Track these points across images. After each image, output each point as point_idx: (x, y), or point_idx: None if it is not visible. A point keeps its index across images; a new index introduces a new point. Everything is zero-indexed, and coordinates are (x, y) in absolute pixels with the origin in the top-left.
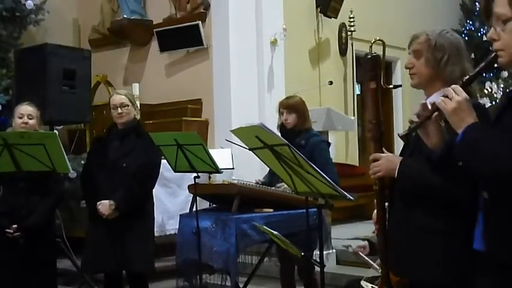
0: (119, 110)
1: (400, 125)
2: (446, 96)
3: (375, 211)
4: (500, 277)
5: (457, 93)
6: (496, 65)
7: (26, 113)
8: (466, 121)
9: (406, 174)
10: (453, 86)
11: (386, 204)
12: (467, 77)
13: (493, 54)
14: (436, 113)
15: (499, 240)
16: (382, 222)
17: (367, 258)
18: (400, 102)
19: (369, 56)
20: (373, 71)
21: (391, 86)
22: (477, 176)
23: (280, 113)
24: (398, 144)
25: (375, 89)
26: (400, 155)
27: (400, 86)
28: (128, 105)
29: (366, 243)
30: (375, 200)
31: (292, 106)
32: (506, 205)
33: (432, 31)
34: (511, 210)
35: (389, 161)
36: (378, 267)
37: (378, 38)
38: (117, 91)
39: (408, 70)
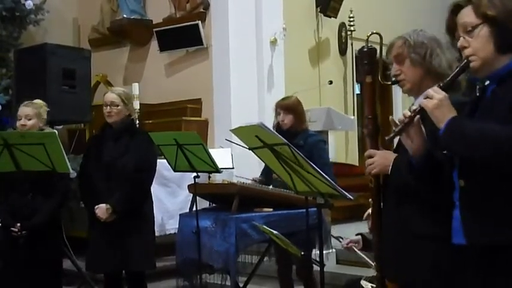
0: (108, 109)
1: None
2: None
3: (369, 210)
4: (486, 265)
5: (437, 93)
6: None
7: (23, 115)
8: (447, 116)
9: (400, 171)
10: (432, 88)
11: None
12: (441, 84)
13: (464, 61)
14: (418, 116)
15: (479, 228)
16: (377, 222)
17: (359, 253)
18: (400, 99)
19: (365, 49)
20: (369, 65)
21: (389, 82)
22: (466, 159)
23: (277, 114)
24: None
25: (372, 83)
26: (395, 152)
27: (399, 82)
28: (118, 106)
29: (359, 237)
30: (370, 199)
31: (290, 107)
32: (482, 190)
33: (406, 33)
34: (488, 195)
35: (383, 157)
36: (371, 262)
37: (374, 31)
38: (112, 89)
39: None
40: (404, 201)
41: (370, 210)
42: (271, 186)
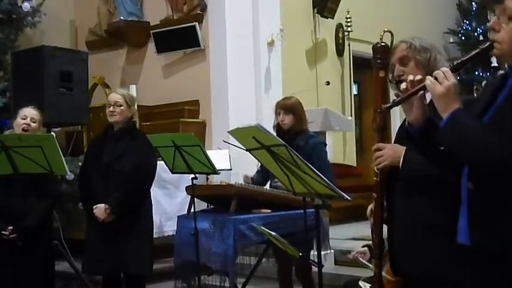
0: (111, 108)
1: (397, 117)
2: (436, 79)
3: (371, 205)
4: (484, 271)
5: (447, 78)
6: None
7: (29, 116)
8: (451, 106)
9: (413, 162)
10: (443, 69)
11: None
12: (459, 60)
13: (488, 43)
14: (421, 92)
15: (484, 233)
16: (379, 218)
17: (367, 264)
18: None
19: (379, 45)
20: (382, 60)
21: (393, 82)
22: (462, 162)
23: (277, 113)
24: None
25: (384, 78)
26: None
27: (402, 82)
28: (122, 106)
29: (365, 249)
30: (374, 194)
31: (290, 107)
32: (490, 196)
33: (408, 38)
34: (496, 201)
35: (393, 150)
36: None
37: (386, 29)
38: (117, 90)
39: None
40: (415, 193)
41: (372, 205)
42: (267, 186)
